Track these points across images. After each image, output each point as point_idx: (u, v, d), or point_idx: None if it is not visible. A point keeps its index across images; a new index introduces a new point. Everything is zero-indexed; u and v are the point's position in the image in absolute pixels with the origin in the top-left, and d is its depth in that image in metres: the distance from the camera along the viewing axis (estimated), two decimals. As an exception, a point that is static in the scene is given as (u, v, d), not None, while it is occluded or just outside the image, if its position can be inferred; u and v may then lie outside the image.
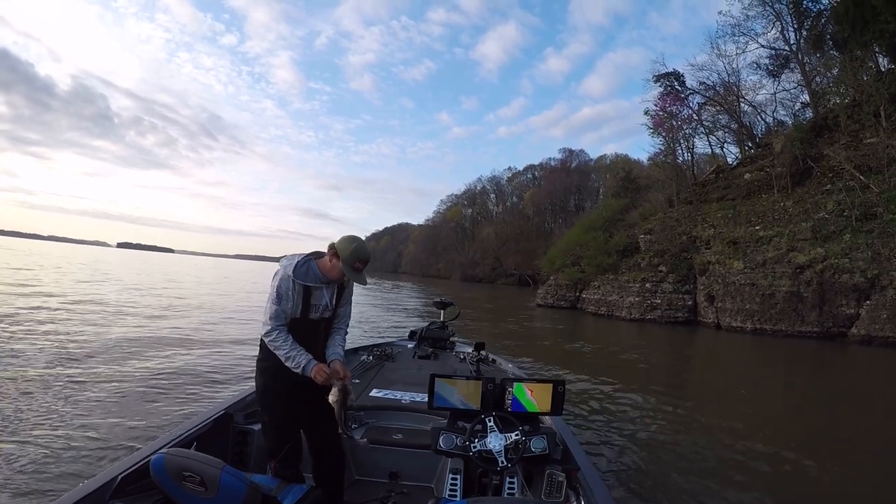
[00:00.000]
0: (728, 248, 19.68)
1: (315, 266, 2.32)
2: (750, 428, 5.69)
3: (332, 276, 2.31)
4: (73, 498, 1.69)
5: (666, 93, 28.44)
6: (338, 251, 2.26)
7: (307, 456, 2.53)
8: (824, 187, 20.69)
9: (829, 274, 16.67)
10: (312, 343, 2.35)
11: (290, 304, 2.26)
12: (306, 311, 2.31)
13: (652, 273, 21.55)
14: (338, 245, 2.28)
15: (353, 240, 2.30)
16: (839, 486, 4.13)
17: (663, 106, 28.18)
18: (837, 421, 6.55)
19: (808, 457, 4.75)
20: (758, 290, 17.37)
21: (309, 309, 2.31)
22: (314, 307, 2.33)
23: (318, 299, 2.34)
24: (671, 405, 6.68)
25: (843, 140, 22.71)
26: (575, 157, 79.15)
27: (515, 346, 12.01)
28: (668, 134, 29.04)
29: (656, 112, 28.62)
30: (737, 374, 10.59)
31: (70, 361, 6.68)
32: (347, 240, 2.29)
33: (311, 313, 2.33)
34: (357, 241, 2.30)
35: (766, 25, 29.12)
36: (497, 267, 73.24)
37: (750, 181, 23.63)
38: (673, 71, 28.92)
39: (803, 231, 18.60)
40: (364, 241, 2.36)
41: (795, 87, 28.70)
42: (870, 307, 15.68)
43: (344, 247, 2.25)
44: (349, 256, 2.23)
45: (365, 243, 2.35)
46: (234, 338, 9.90)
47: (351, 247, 2.25)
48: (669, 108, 28.16)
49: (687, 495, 3.58)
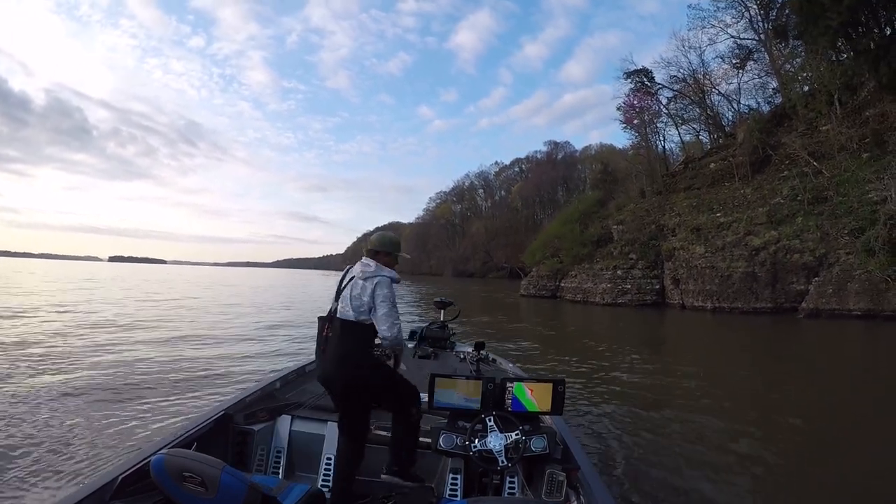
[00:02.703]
0: (692, 234, 21.05)
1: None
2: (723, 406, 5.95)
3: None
4: (74, 498, 1.69)
5: (636, 89, 29.71)
6: (393, 249, 2.64)
7: (313, 457, 2.70)
8: (781, 174, 22.07)
9: (782, 254, 18.05)
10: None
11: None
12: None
13: (623, 261, 22.94)
14: (389, 244, 2.63)
15: (385, 233, 2.78)
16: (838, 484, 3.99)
17: (632, 102, 29.46)
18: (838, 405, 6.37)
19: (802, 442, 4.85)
20: (717, 272, 18.73)
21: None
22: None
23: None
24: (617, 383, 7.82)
25: (800, 128, 24.10)
26: (560, 149, 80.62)
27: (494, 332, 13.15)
28: (640, 129, 30.33)
29: (627, 108, 29.92)
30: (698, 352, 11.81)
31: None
32: (387, 237, 2.69)
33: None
34: (380, 232, 2.79)
35: (734, 16, 30.50)
36: (488, 261, 74.39)
37: (714, 170, 25.02)
38: (642, 68, 30.24)
39: (760, 216, 19.97)
40: (389, 233, 2.81)
41: (766, 75, 30.05)
42: (818, 283, 17.03)
43: (394, 242, 2.68)
44: (400, 248, 2.70)
45: (389, 233, 2.81)
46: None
47: (397, 240, 2.73)
48: (639, 104, 29.42)
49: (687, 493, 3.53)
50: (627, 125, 30.58)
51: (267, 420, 2.88)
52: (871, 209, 16.70)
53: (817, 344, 12.46)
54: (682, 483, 3.64)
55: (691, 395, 6.39)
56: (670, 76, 30.52)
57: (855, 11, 20.64)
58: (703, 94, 29.43)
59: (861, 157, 19.70)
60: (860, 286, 15.76)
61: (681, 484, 3.62)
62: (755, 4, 29.65)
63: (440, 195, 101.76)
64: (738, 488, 3.61)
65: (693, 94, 30.15)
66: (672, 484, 3.61)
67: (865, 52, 21.01)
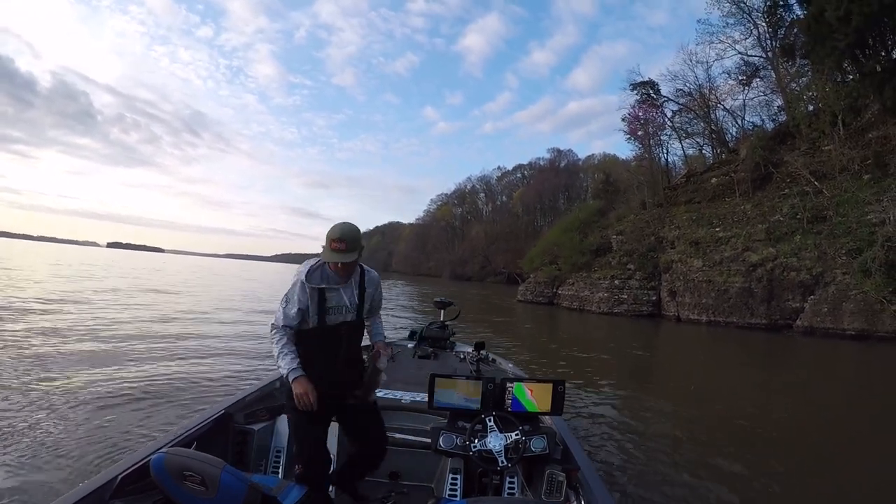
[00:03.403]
0: (690, 247, 21.11)
1: (328, 267, 2.20)
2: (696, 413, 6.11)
3: (343, 274, 2.20)
4: (74, 498, 1.68)
5: (641, 100, 29.85)
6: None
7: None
8: (782, 191, 22.15)
9: (779, 271, 18.10)
10: (334, 351, 2.24)
11: (295, 308, 2.18)
12: (323, 315, 2.21)
13: (621, 271, 23.01)
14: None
15: (338, 224, 2.20)
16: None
17: (637, 114, 29.60)
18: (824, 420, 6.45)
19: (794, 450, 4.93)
20: (713, 286, 18.78)
21: (326, 313, 2.22)
22: (332, 310, 2.23)
23: (336, 300, 2.23)
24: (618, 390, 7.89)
25: (802, 147, 24.20)
26: (563, 157, 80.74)
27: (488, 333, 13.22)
28: (643, 140, 30.46)
29: (631, 119, 30.05)
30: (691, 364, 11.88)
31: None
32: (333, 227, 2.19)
33: (329, 317, 2.23)
34: (339, 224, 2.19)
35: (743, 32, 30.64)
36: (486, 265, 74.44)
37: (716, 185, 25.11)
38: (648, 80, 30.40)
39: (759, 232, 20.03)
40: (349, 224, 2.22)
41: (772, 93, 30.13)
42: (813, 301, 17.09)
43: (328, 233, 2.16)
44: (327, 237, 2.14)
45: (349, 224, 2.21)
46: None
47: (331, 229, 2.16)
48: (644, 116, 29.56)
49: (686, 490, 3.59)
50: (631, 136, 30.79)
51: (267, 420, 2.87)
52: (870, 230, 16.77)
53: (812, 361, 12.53)
54: (678, 488, 3.66)
55: (685, 403, 6.43)
56: (676, 89, 30.71)
57: (862, 33, 20.75)
58: (708, 109, 29.58)
59: (862, 178, 19.78)
60: (855, 306, 15.81)
61: (677, 488, 3.65)
62: (764, 22, 29.80)
63: (441, 197, 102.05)
64: (736, 492, 3.65)
65: (698, 109, 30.29)
66: (668, 488, 3.63)
67: (871, 75, 21.12)
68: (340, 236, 2.11)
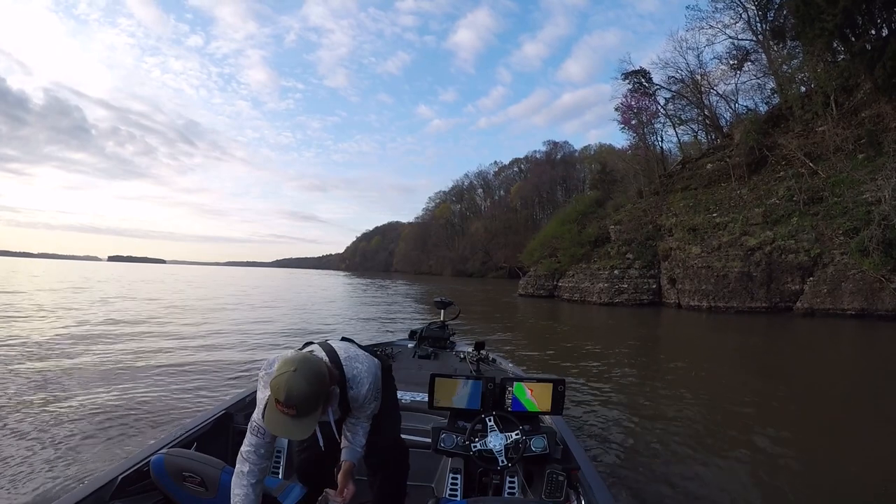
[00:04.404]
0: (688, 234, 21.18)
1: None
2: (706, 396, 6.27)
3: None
4: (74, 498, 1.67)
5: (634, 90, 29.84)
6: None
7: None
8: (777, 174, 22.19)
9: (777, 254, 18.19)
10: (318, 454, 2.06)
11: (263, 449, 1.72)
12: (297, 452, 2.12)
13: (620, 260, 23.07)
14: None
15: (288, 364, 1.46)
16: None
17: (629, 104, 29.59)
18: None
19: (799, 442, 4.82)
20: (713, 272, 18.86)
21: (301, 451, 2.16)
22: (306, 448, 2.14)
23: (309, 440, 1.80)
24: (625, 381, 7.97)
25: (796, 129, 24.22)
26: (559, 149, 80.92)
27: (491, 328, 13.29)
28: (637, 129, 30.46)
29: (624, 109, 30.03)
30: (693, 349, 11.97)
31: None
32: (281, 364, 1.49)
33: (305, 453, 2.18)
34: (287, 371, 1.43)
35: (733, 16, 30.57)
36: (487, 261, 74.65)
37: (711, 171, 25.15)
38: (640, 69, 30.36)
39: (755, 216, 20.10)
40: (301, 373, 1.43)
41: (763, 76, 30.05)
42: (812, 283, 17.19)
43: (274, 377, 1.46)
44: (270, 387, 1.45)
45: (300, 374, 1.42)
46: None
47: (273, 381, 1.44)
48: (637, 105, 29.55)
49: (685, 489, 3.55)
50: (625, 126, 30.77)
51: None
52: (866, 210, 16.84)
53: (814, 342, 12.63)
54: (681, 481, 3.65)
55: (688, 392, 6.49)
56: (668, 77, 30.63)
57: (850, 13, 20.78)
58: (700, 95, 29.57)
59: (856, 158, 19.83)
60: (854, 286, 15.92)
61: (679, 481, 3.64)
62: (753, 6, 29.70)
63: (439, 195, 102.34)
64: (740, 483, 3.67)
65: (691, 95, 30.26)
66: (669, 487, 3.59)
67: (861, 54, 21.14)
68: (286, 399, 1.39)
